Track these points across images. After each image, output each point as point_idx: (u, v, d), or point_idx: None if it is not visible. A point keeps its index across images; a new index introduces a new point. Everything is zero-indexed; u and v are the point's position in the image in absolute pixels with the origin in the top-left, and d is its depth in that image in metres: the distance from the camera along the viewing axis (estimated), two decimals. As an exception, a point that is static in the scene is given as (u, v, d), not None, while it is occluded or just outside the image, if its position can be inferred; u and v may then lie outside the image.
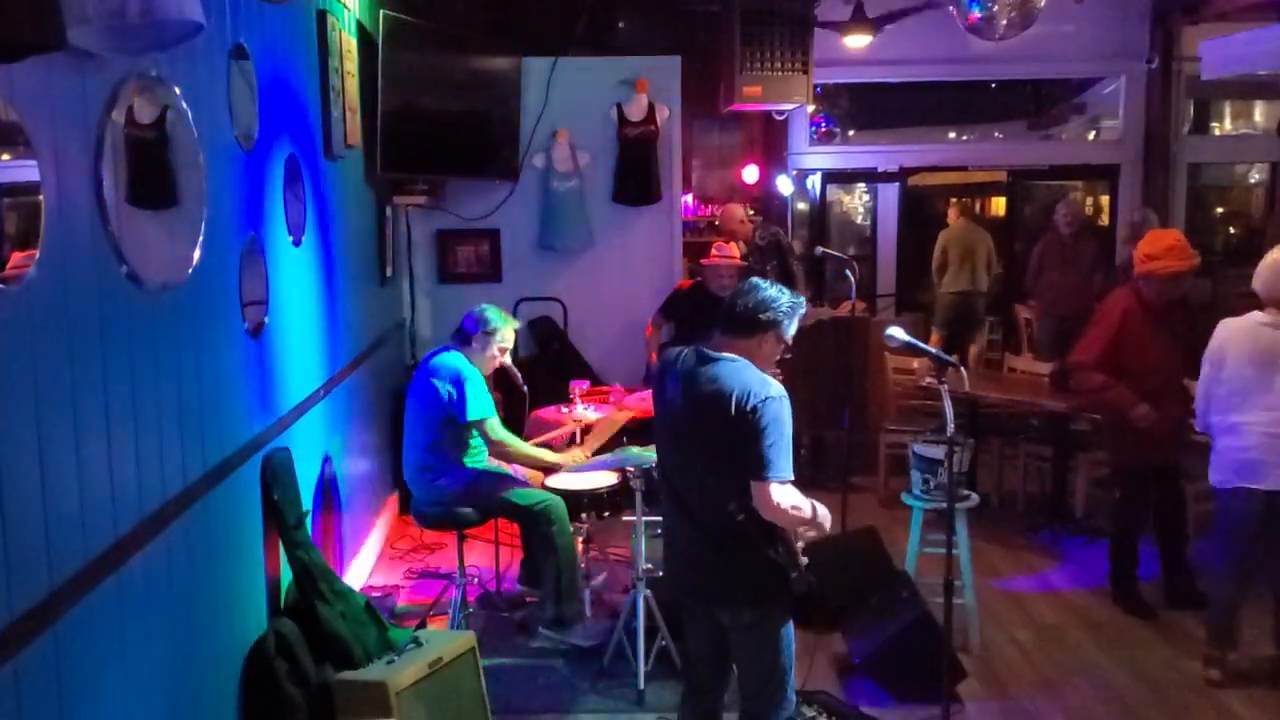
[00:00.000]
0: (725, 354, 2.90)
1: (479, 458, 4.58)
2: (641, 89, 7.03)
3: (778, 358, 3.02)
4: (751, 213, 7.78)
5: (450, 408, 4.37)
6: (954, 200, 9.17)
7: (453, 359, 4.44)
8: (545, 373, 6.57)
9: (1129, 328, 4.75)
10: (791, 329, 2.96)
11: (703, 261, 6.09)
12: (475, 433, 4.49)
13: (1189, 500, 5.10)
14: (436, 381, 4.38)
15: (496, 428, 4.45)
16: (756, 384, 2.81)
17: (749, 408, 2.76)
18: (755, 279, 3.02)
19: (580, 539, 4.69)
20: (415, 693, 3.37)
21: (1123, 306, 4.78)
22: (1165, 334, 4.73)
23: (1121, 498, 5.02)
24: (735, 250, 6.13)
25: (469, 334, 4.50)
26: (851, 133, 10.40)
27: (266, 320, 3.59)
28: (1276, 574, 4.23)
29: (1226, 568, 4.24)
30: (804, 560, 2.94)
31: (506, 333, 4.54)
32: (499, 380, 5.11)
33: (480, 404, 4.39)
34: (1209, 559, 4.64)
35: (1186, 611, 4.77)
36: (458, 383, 4.36)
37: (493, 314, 4.52)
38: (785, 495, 2.81)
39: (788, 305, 2.93)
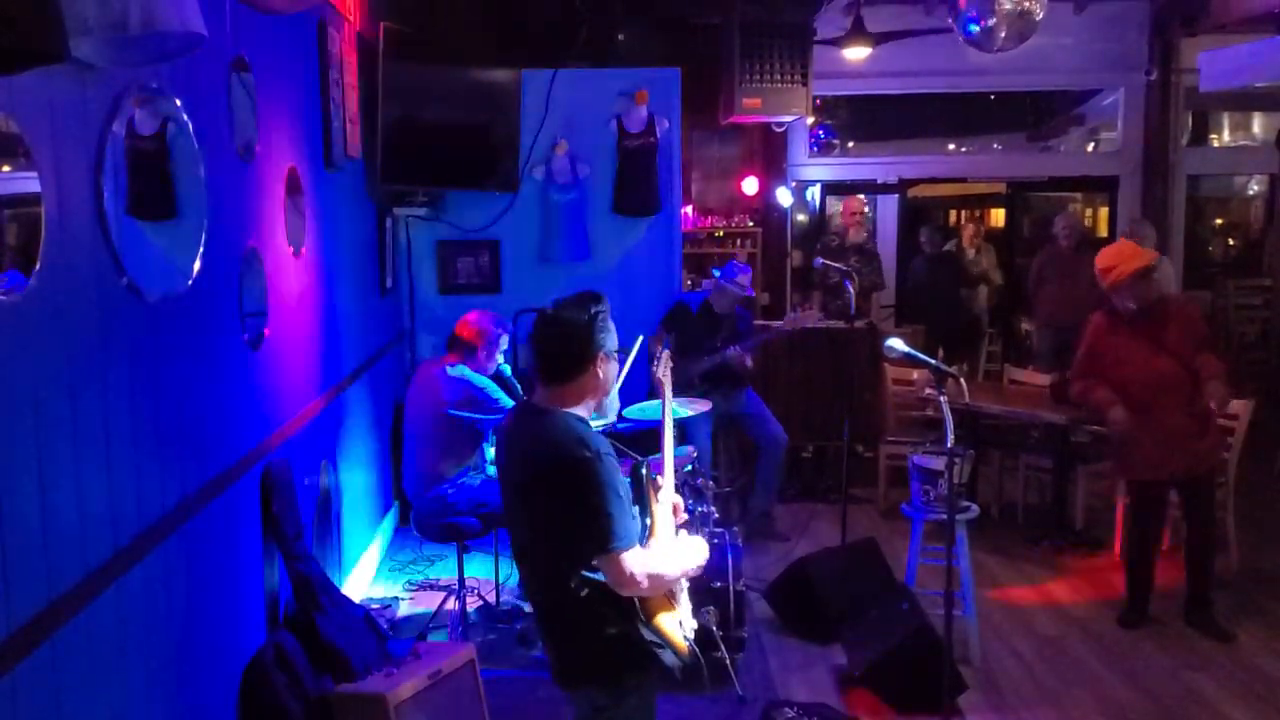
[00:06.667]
0: (548, 407, 2.50)
1: (484, 468, 4.59)
2: (641, 101, 7.02)
3: (617, 373, 2.69)
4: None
5: (475, 425, 4.43)
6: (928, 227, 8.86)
7: (460, 375, 4.43)
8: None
9: (1099, 342, 4.83)
10: (612, 339, 2.55)
11: (721, 281, 5.95)
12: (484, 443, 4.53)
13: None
14: (451, 406, 4.39)
15: None
16: (570, 444, 2.38)
17: (564, 475, 2.38)
18: (543, 312, 2.58)
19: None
20: (414, 705, 3.36)
21: (1093, 323, 4.89)
22: (1148, 345, 4.66)
23: (1129, 512, 5.02)
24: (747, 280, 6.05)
25: (472, 346, 4.51)
26: (851, 144, 10.42)
27: (266, 331, 3.60)
28: None
29: None
30: (682, 624, 2.55)
31: (504, 338, 4.66)
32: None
33: (503, 404, 4.46)
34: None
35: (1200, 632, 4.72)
36: (476, 399, 4.39)
37: (489, 323, 4.59)
38: (638, 563, 2.39)
39: (595, 320, 2.52)
